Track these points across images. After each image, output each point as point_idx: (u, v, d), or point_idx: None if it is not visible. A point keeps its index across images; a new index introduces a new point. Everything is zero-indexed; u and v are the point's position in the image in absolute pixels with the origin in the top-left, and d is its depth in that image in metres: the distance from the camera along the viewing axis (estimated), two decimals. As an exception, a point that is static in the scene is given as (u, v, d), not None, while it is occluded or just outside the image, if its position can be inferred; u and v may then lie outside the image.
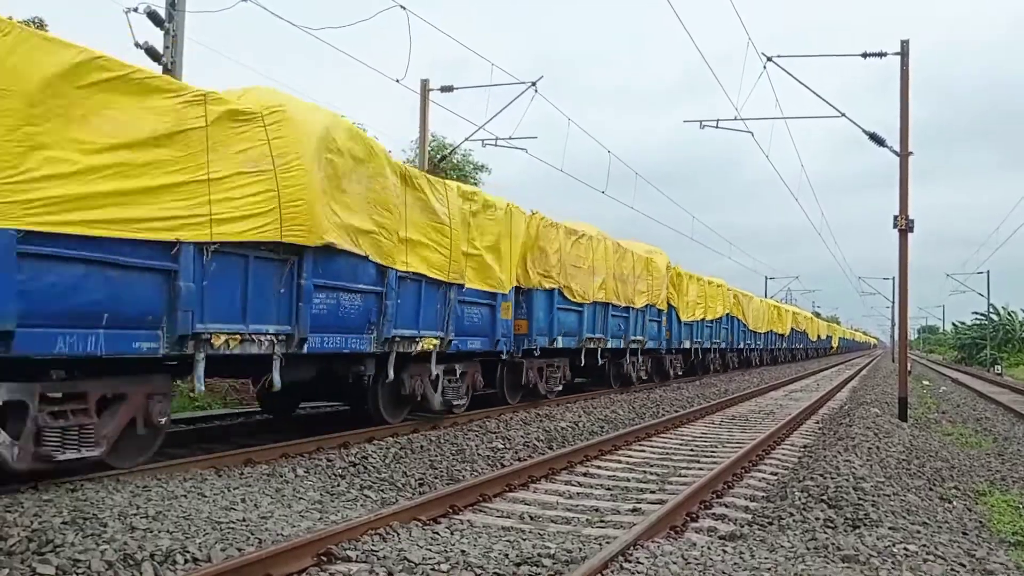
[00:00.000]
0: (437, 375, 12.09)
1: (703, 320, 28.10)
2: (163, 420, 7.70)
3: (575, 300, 16.64)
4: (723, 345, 32.31)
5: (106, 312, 6.79)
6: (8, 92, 6.03)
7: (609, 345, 19.06)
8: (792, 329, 51.80)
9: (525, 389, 15.52)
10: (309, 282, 9.00)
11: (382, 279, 10.40)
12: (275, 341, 8.69)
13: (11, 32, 6.10)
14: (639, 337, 21.34)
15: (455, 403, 12.74)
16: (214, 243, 7.65)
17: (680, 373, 26.41)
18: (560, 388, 16.96)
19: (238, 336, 8.15)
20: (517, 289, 14.58)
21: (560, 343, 16.17)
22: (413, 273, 11.02)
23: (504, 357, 14.29)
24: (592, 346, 17.93)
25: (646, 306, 21.59)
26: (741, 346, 36.28)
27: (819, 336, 71.30)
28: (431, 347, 11.65)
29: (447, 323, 12.02)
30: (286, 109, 8.57)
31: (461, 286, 12.31)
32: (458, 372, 12.84)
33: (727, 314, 32.16)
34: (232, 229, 7.81)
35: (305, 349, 9.10)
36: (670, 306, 24.52)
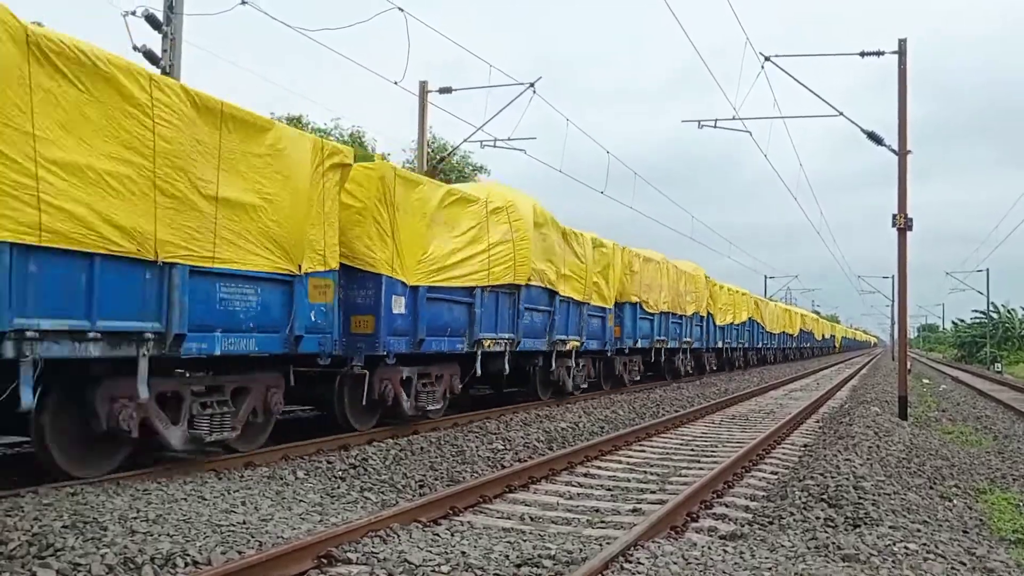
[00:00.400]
0: (570, 366, 16.96)
1: (732, 323, 33.51)
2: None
3: (649, 311, 21.81)
4: (746, 345, 37.56)
5: (450, 327, 12.29)
6: (422, 216, 11.32)
7: (669, 345, 24.09)
8: (800, 330, 57.77)
9: (614, 379, 20.41)
10: (523, 306, 14.37)
11: (552, 302, 15.69)
12: (506, 343, 13.94)
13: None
14: (688, 339, 26.56)
15: (581, 386, 17.81)
16: (490, 286, 13.09)
17: (715, 368, 31.74)
18: (638, 378, 22.04)
19: (492, 340, 13.43)
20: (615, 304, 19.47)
21: (639, 344, 21.24)
22: (567, 297, 16.36)
23: (609, 355, 19.55)
24: (659, 346, 23.14)
25: (693, 314, 26.91)
26: (760, 345, 41.56)
27: (823, 336, 77.14)
28: (573, 347, 16.81)
29: (581, 331, 17.25)
30: (517, 203, 14.10)
31: (589, 304, 17.55)
32: (581, 364, 17.70)
33: (749, 318, 37.45)
34: (497, 277, 13.25)
35: (519, 348, 14.42)
36: (709, 313, 29.52)
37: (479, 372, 13.23)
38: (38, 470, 7.35)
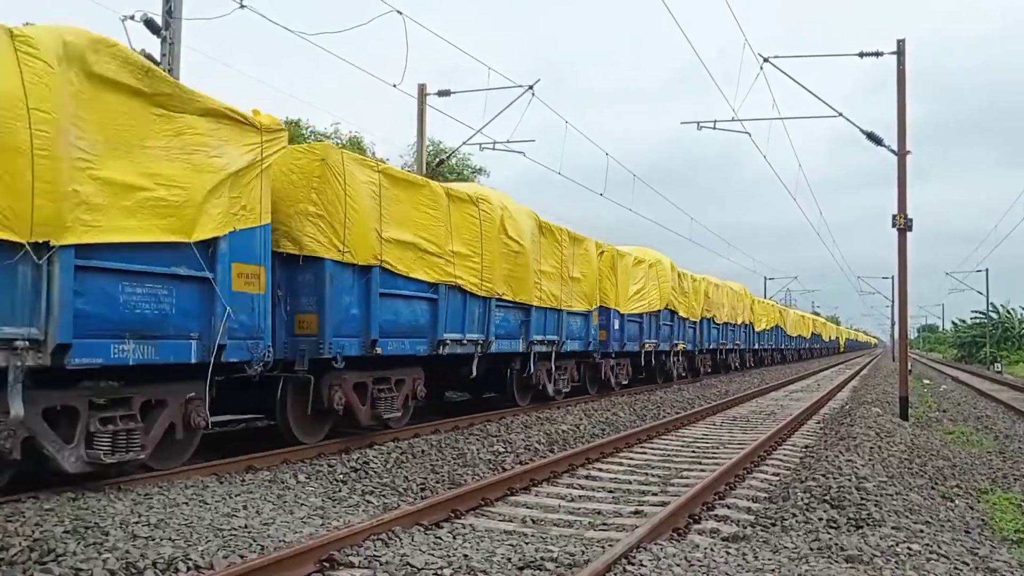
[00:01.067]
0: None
1: (765, 329, 42.71)
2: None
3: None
4: (770, 346, 45.95)
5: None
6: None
7: (660, 347, 23.51)
8: (812, 333, 68.30)
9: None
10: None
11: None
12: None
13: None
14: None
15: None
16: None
17: (752, 365, 39.27)
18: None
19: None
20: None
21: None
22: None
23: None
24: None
25: (740, 323, 33.66)
26: (782, 347, 50.80)
27: (830, 337, 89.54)
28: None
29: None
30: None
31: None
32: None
33: (776, 325, 46.73)
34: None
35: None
36: (751, 322, 36.46)
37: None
38: None
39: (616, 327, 19.76)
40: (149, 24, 12.54)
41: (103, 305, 6.96)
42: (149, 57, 12.48)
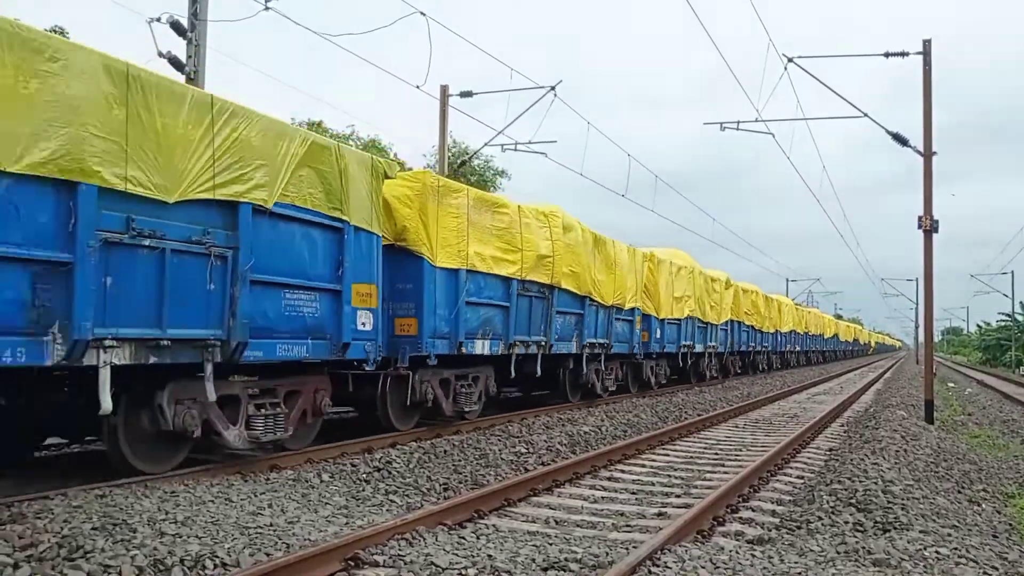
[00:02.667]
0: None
1: (823, 335, 54.28)
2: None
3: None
4: (824, 348, 57.71)
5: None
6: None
7: (696, 349, 24.58)
8: (855, 339, 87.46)
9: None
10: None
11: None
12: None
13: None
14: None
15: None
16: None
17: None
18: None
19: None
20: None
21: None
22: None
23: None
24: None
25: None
26: (830, 349, 63.05)
27: (863, 341, 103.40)
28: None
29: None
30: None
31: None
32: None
33: (835, 335, 62.96)
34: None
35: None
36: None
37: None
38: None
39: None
40: (175, 26, 12.65)
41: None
42: (174, 59, 12.61)
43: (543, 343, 14.40)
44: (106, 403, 6.77)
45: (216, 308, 7.80)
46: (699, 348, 24.94)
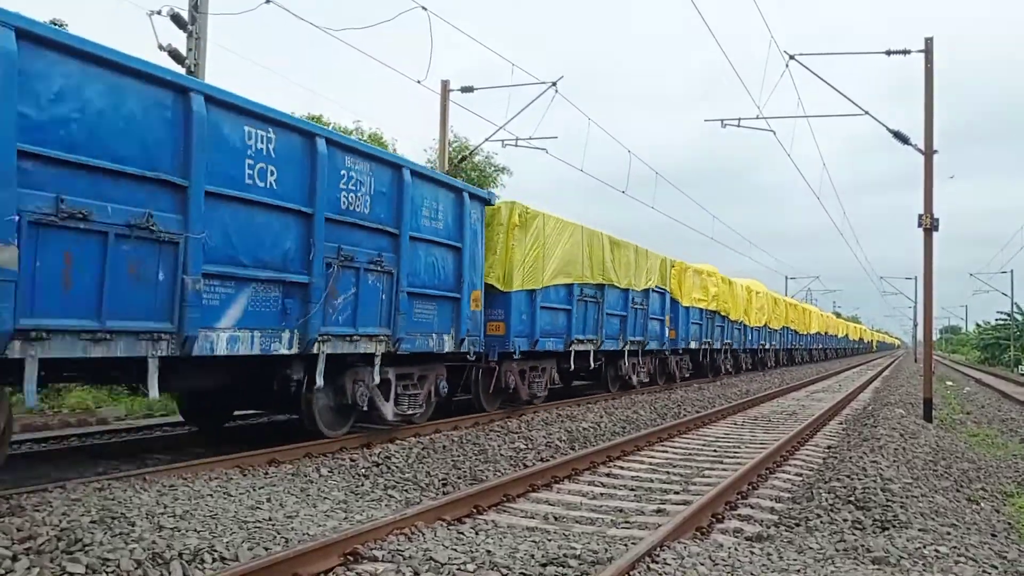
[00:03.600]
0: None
1: (832, 334, 62.99)
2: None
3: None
4: (828, 346, 63.29)
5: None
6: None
7: (715, 346, 26.80)
8: (860, 337, 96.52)
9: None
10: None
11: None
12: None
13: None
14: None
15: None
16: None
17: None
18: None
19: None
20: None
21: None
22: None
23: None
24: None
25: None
26: (834, 346, 69.28)
27: (866, 340, 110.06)
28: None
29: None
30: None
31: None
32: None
33: (846, 335, 72.06)
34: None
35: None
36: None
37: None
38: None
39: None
40: (176, 19, 12.63)
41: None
42: (175, 52, 12.58)
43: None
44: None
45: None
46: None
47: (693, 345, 24.29)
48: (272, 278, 8.44)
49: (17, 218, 5.92)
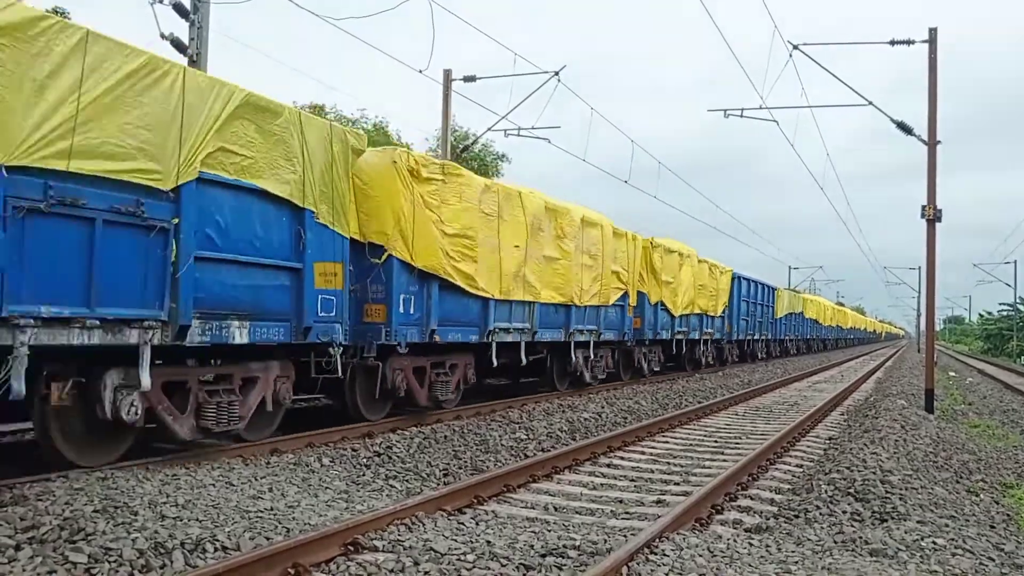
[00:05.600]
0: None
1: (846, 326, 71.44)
2: None
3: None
4: (839, 337, 68.63)
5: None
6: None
7: (692, 336, 24.19)
8: (873, 329, 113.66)
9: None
10: None
11: None
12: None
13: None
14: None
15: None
16: None
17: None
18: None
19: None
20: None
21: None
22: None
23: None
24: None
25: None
26: (845, 337, 74.93)
27: (876, 331, 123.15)
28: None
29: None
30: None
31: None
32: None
33: (853, 326, 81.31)
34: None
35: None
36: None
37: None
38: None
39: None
40: (178, 8, 12.59)
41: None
42: (177, 41, 12.56)
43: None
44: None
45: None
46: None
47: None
48: None
49: None
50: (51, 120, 6.21)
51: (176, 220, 7.29)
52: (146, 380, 7.04)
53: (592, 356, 17.14)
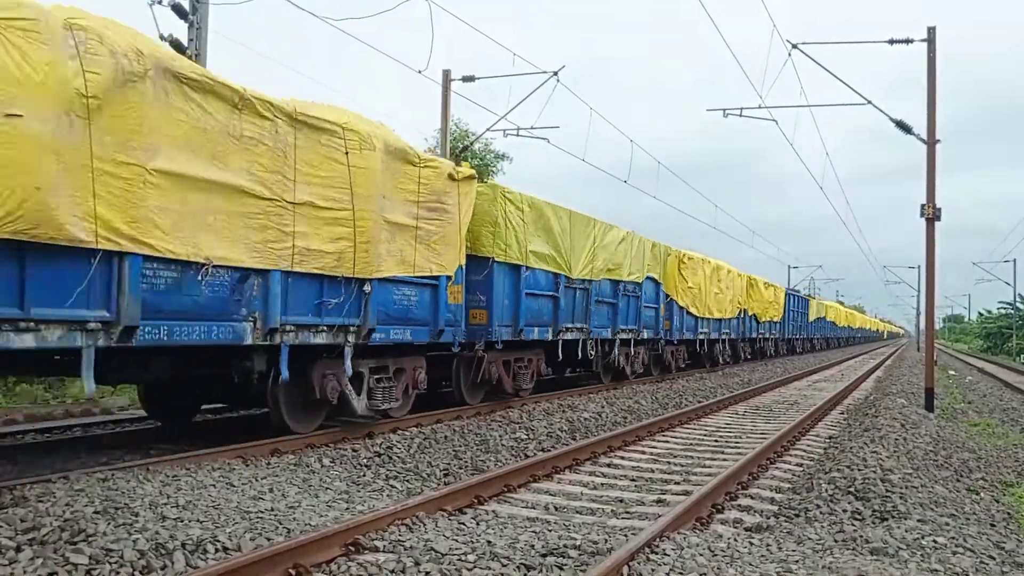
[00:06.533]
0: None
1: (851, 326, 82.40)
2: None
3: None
4: (848, 335, 78.41)
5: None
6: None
7: (711, 336, 26.39)
8: (876, 328, 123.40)
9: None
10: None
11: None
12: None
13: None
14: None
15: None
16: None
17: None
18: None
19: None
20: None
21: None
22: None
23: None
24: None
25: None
26: (855, 335, 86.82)
27: (879, 331, 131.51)
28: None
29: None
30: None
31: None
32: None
33: (862, 327, 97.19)
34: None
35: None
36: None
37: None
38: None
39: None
40: (176, 9, 12.59)
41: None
42: (176, 42, 12.56)
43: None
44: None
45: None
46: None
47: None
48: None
49: None
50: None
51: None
52: None
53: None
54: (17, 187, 5.78)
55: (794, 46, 16.34)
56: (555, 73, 19.20)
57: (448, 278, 11.39)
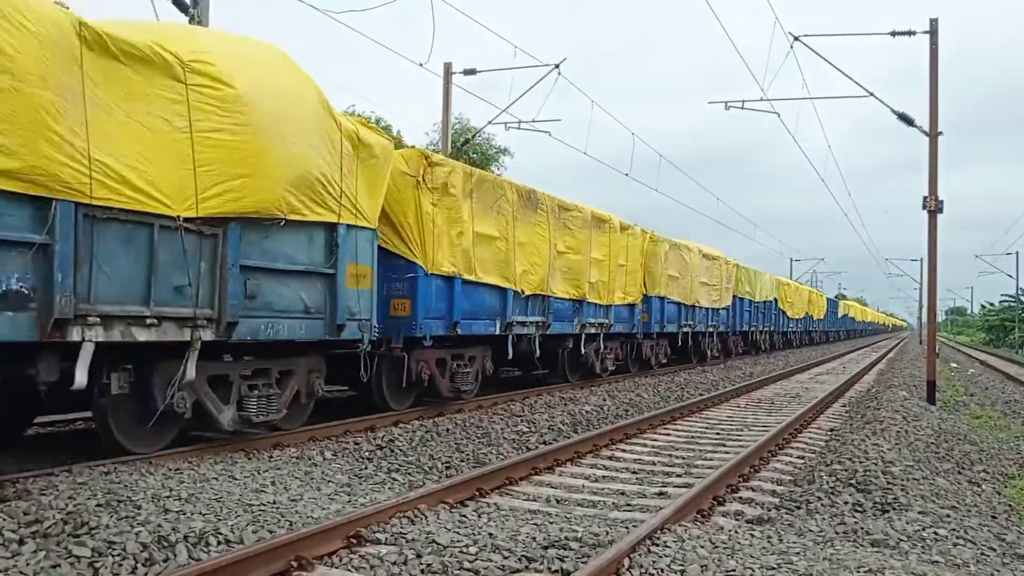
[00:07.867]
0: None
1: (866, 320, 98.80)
2: None
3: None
4: (859, 328, 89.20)
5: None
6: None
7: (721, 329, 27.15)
8: (883, 322, 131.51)
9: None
10: None
11: None
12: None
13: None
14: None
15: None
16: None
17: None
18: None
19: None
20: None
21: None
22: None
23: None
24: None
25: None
26: (866, 328, 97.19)
27: (885, 324, 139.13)
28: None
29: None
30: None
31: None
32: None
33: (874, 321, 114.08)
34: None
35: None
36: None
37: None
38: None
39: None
40: (176, 1, 12.57)
41: None
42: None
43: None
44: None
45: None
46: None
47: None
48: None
49: None
50: None
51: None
52: None
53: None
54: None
55: (796, 38, 16.31)
56: (556, 66, 19.20)
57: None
